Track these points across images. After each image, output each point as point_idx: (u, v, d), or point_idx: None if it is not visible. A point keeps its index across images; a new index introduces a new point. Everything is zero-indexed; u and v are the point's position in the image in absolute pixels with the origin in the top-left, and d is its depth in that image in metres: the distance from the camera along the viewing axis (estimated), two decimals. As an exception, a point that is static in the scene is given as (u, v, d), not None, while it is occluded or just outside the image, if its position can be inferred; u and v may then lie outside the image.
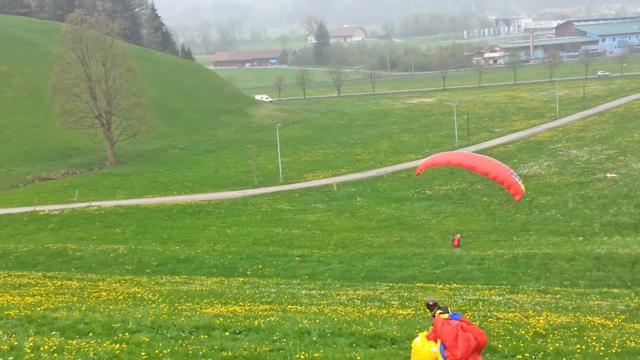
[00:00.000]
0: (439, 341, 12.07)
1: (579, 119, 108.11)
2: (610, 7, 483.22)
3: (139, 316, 17.53)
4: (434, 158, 45.18)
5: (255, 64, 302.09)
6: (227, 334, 15.64)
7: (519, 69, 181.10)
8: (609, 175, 68.17)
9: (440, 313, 12.49)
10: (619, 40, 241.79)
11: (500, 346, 15.30)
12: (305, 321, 17.59)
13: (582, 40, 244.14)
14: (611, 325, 19.36)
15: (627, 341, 16.54)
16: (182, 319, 17.38)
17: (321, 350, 13.97)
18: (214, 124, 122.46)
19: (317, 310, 21.01)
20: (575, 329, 18.28)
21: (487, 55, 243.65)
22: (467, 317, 20.17)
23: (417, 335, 12.92)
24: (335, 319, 18.53)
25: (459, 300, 24.76)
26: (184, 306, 21.16)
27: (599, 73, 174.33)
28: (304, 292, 27.11)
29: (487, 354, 14.82)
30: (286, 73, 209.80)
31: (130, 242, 45.67)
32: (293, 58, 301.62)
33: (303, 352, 13.67)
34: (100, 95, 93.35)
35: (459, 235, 46.94)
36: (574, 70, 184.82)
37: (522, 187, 42.61)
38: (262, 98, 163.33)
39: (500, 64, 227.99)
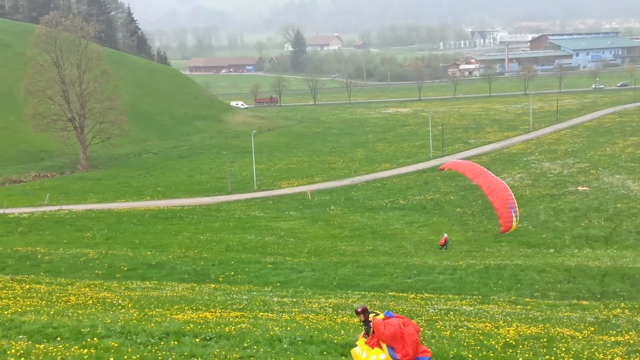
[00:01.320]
0: (384, 345, 11.73)
1: (552, 132, 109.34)
2: (585, 22, 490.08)
3: (108, 321, 17.34)
4: (454, 163, 46.03)
5: (231, 70, 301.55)
6: (197, 340, 15.51)
7: (493, 81, 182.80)
8: (580, 188, 68.95)
9: (375, 315, 12.18)
10: (593, 55, 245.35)
11: (470, 356, 15.34)
12: (276, 328, 17.51)
13: (557, 54, 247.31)
14: (580, 337, 19.51)
15: (596, 353, 16.68)
16: (152, 324, 17.21)
17: (292, 358, 13.92)
18: (188, 129, 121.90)
19: (289, 318, 20.93)
20: (545, 340, 18.39)
21: (462, 66, 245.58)
22: (438, 326, 20.26)
23: (356, 345, 12.46)
24: (307, 327, 18.47)
25: (431, 310, 24.82)
26: (154, 312, 20.96)
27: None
28: (275, 299, 27.02)
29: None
30: (262, 80, 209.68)
31: (101, 247, 45.21)
32: (269, 65, 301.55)
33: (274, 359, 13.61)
34: (74, 98, 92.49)
35: (446, 235, 47.50)
36: (547, 84, 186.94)
37: (514, 223, 43.10)
38: (237, 105, 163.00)
39: (475, 75, 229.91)
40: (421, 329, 12.88)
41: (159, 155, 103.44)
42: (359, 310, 12.37)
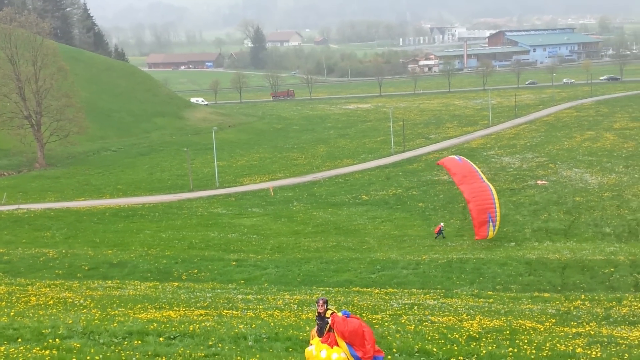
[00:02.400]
0: (343, 343, 11.60)
1: (510, 127, 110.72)
2: (541, 19, 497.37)
3: (70, 322, 17.08)
4: (449, 162, 46.44)
5: (190, 66, 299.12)
6: (161, 339, 15.37)
7: (453, 77, 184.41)
8: (539, 182, 69.95)
9: (332, 312, 12.04)
10: (549, 50, 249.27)
11: (434, 350, 15.45)
12: (241, 326, 17.42)
13: (514, 50, 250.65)
14: (542, 329, 19.78)
15: (557, 344, 16.92)
16: (115, 324, 17.00)
17: (257, 355, 13.86)
18: (148, 126, 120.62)
19: (254, 315, 20.86)
20: (508, 332, 18.60)
21: (422, 62, 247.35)
22: (402, 321, 20.36)
23: (310, 344, 12.26)
24: (272, 324, 18.42)
25: (395, 305, 24.94)
26: (116, 311, 20.71)
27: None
28: (240, 296, 26.90)
29: (422, 358, 14.94)
30: (222, 76, 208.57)
31: (61, 246, 44.50)
32: (229, 61, 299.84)
33: (239, 357, 13.54)
34: (30, 96, 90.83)
35: (442, 224, 48.43)
36: (506, 79, 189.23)
37: (491, 233, 43.42)
38: (197, 101, 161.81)
39: (435, 71, 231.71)
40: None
41: (118, 152, 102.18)
42: (321, 302, 12.22)
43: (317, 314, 12.25)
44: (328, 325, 11.87)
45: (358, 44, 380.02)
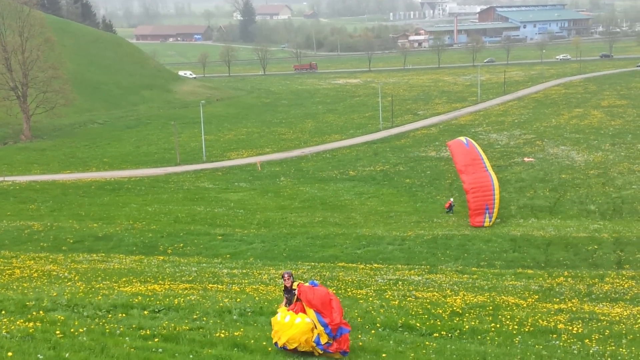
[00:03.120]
0: (310, 311, 11.71)
1: (499, 103, 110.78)
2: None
3: (54, 294, 17.08)
4: (456, 146, 46.36)
5: (179, 39, 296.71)
6: (145, 312, 15.41)
7: (442, 53, 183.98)
8: (526, 159, 70.19)
9: (298, 283, 12.17)
10: (540, 27, 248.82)
11: (418, 325, 15.57)
12: (226, 300, 17.48)
13: (504, 26, 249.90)
14: (525, 305, 19.97)
15: (540, 320, 17.10)
16: (99, 297, 17.01)
17: (242, 329, 13.91)
18: (135, 99, 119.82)
19: (239, 289, 20.92)
20: (491, 308, 18.77)
21: (412, 38, 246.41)
22: (387, 296, 20.49)
23: (277, 312, 12.40)
24: (257, 298, 18.49)
25: (380, 280, 25.09)
26: (101, 284, 20.72)
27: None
28: (225, 271, 26.96)
29: (405, 333, 15.05)
30: (211, 49, 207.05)
31: (46, 219, 44.36)
32: (218, 34, 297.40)
33: (223, 331, 13.58)
34: (16, 67, 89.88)
35: (452, 199, 48.56)
36: (495, 56, 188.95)
37: (487, 223, 43.43)
38: (186, 74, 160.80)
39: (424, 47, 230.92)
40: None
41: (105, 125, 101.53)
42: (286, 276, 12.29)
43: (284, 288, 12.38)
44: (295, 296, 11.97)
45: (348, 18, 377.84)
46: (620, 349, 14.50)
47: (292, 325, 11.78)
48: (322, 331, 11.63)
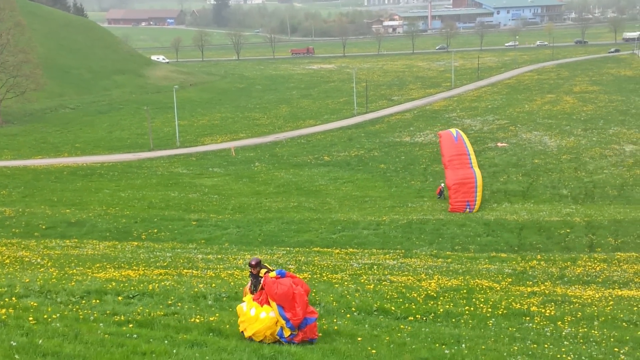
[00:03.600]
0: (274, 304, 11.64)
1: (473, 89, 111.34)
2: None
3: (27, 280, 16.88)
4: (446, 139, 46.39)
5: (151, 23, 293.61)
6: (120, 298, 15.28)
7: (417, 38, 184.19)
8: (499, 144, 70.72)
9: (266, 272, 12.04)
10: (513, 13, 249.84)
11: (393, 308, 15.63)
12: (201, 285, 17.41)
13: (478, 12, 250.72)
14: (498, 288, 20.15)
15: (513, 303, 17.27)
16: (73, 283, 16.84)
17: (217, 314, 13.86)
18: (107, 84, 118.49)
19: (214, 275, 20.84)
20: (465, 291, 18.91)
21: (386, 23, 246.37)
22: (362, 280, 20.53)
23: (243, 302, 12.32)
24: (232, 283, 18.43)
25: (355, 265, 25.14)
26: (74, 270, 20.51)
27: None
28: (200, 256, 26.84)
29: (380, 317, 15.10)
30: (184, 34, 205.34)
31: (18, 205, 43.78)
32: (191, 19, 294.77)
33: (198, 316, 13.52)
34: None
35: (442, 184, 48.52)
36: (469, 42, 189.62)
37: (468, 210, 43.54)
38: (158, 59, 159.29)
39: (399, 32, 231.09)
40: (311, 289, 12.90)
41: (76, 110, 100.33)
42: (253, 263, 12.16)
43: (250, 272, 12.29)
44: (261, 284, 11.92)
45: (322, 3, 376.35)
46: (592, 331, 14.68)
47: (257, 320, 11.76)
48: (284, 325, 11.60)
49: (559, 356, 12.23)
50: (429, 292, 18.26)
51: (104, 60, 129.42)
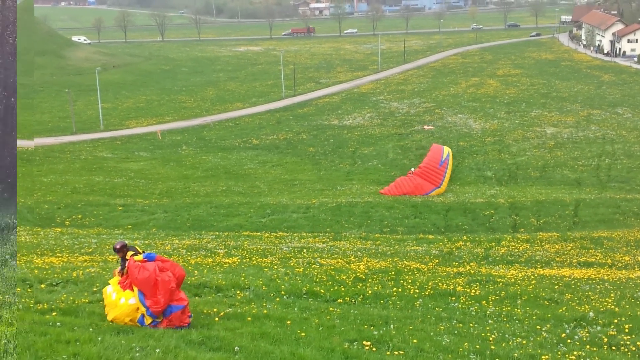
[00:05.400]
0: (136, 289, 11.23)
1: (399, 72, 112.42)
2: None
3: (-57, 271, 16.22)
4: (434, 151, 46.95)
5: (71, 2, 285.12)
6: (43, 286, 14.86)
7: (343, 21, 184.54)
8: (426, 127, 71.74)
9: (132, 255, 11.67)
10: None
11: (322, 291, 15.68)
12: (127, 272, 17.05)
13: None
14: (425, 269, 20.46)
15: (440, 283, 17.56)
16: (-7, 272, 16.26)
17: (145, 301, 13.60)
18: (26, 65, 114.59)
19: (141, 261, 20.45)
20: (393, 273, 19.11)
21: (313, 5, 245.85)
22: (292, 264, 20.52)
23: (108, 284, 12.01)
24: (159, 269, 18.12)
25: (285, 248, 25.13)
26: (-6, 259, 19.81)
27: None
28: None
29: (310, 300, 15.13)
30: (105, 14, 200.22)
31: None
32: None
33: (125, 304, 13.24)
34: None
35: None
36: (395, 25, 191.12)
37: (434, 192, 43.91)
38: (79, 40, 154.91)
39: (325, 14, 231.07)
40: (186, 274, 12.62)
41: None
42: (118, 247, 11.81)
43: (120, 256, 11.96)
44: (126, 268, 11.62)
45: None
46: (516, 309, 15.06)
47: (116, 305, 11.43)
48: (145, 312, 11.26)
49: (483, 335, 12.49)
50: (358, 274, 18.39)
51: (22, 40, 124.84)
